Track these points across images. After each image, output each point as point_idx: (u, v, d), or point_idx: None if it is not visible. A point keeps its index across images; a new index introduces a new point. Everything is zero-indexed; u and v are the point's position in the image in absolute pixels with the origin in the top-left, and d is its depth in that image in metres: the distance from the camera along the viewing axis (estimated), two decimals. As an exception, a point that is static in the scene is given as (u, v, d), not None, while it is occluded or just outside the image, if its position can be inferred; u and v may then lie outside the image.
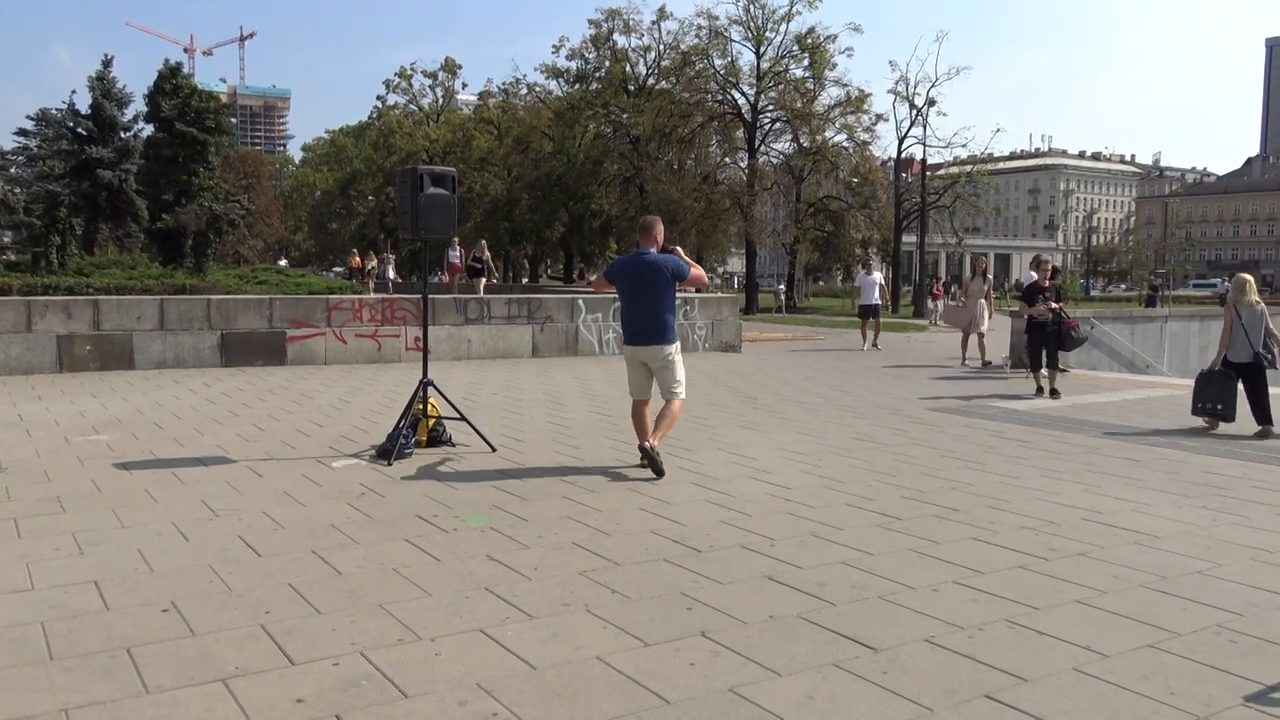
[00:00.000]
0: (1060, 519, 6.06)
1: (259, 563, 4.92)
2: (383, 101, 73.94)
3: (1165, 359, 22.99)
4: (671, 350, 7.16)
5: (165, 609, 4.22)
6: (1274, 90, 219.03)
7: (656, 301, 7.10)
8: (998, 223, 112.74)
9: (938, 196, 47.94)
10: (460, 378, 13.05)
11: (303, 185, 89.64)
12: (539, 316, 16.78)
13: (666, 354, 7.14)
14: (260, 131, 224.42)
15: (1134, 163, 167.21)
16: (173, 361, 13.80)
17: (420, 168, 7.96)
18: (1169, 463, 8.03)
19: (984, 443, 8.89)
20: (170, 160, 33.41)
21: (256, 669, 3.61)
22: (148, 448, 7.98)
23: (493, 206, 56.31)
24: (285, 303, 14.99)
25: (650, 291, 7.09)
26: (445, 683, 3.52)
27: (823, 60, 44.79)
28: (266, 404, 10.62)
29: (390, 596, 4.43)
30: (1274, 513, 6.32)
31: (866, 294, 21.00)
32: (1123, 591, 4.68)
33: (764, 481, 7.04)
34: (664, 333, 7.12)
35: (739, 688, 3.52)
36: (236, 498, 6.29)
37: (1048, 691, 3.53)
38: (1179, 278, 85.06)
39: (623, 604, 4.39)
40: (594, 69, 53.35)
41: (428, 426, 8.07)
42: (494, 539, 5.42)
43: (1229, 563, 5.18)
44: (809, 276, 66.80)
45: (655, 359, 7.14)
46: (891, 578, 4.82)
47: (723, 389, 12.74)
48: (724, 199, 44.93)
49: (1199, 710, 3.39)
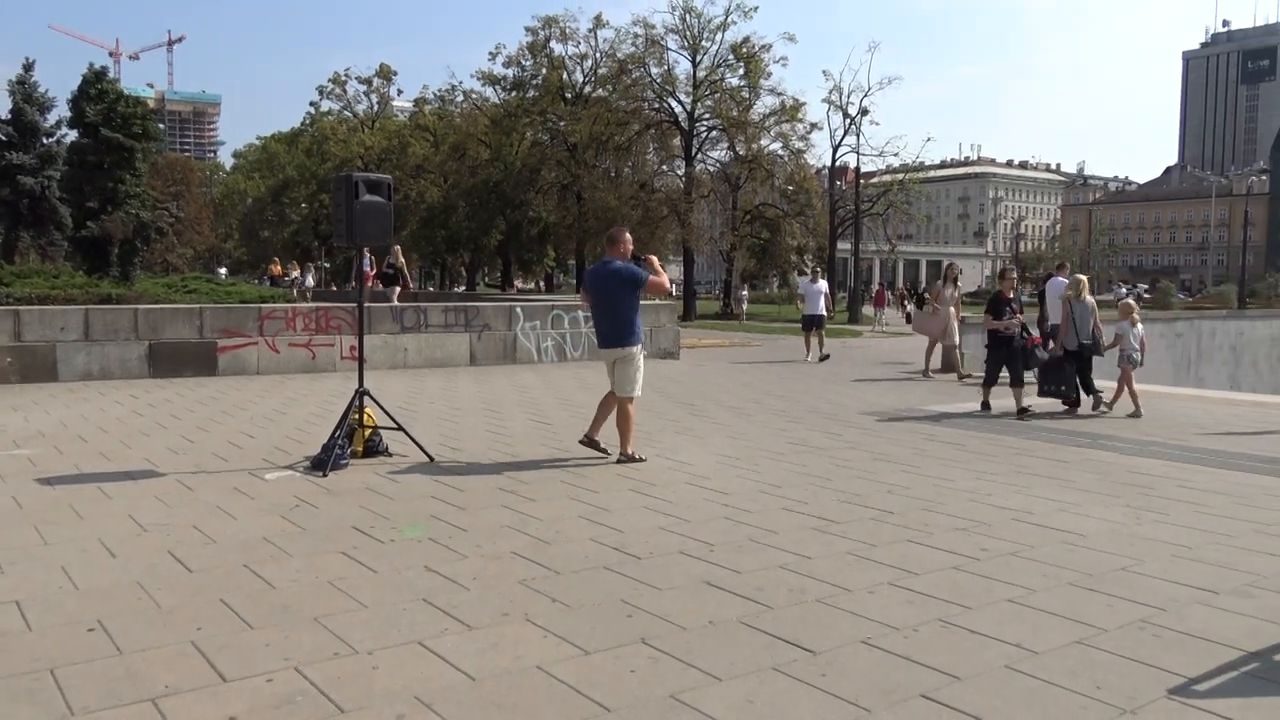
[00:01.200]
0: (992, 520, 6.19)
1: (189, 578, 4.81)
2: (316, 108, 72.97)
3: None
4: (633, 350, 7.91)
5: (91, 628, 4.10)
6: (1190, 102, 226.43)
7: (618, 306, 7.87)
8: (929, 230, 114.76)
9: (871, 204, 48.62)
10: (397, 387, 12.91)
11: (233, 192, 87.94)
12: (476, 324, 16.66)
13: (628, 352, 7.90)
14: (190, 138, 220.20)
15: (1059, 172, 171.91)
16: (99, 373, 13.44)
17: (355, 175, 7.87)
18: (1096, 463, 8.24)
19: (918, 446, 9.04)
20: (95, 167, 32.65)
21: (187, 687, 3.53)
22: (72, 462, 7.76)
23: (429, 214, 55.81)
24: (216, 312, 14.71)
25: (613, 298, 7.86)
26: (383, 696, 3.48)
27: (758, 69, 45.23)
28: (197, 415, 10.39)
29: (325, 610, 4.36)
30: (1193, 510, 6.52)
31: (811, 303, 19.41)
32: (1052, 590, 4.79)
33: (702, 487, 7.08)
34: (625, 334, 7.89)
35: (680, 694, 3.53)
36: (166, 512, 6.14)
37: (981, 689, 3.60)
38: (1103, 283, 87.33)
39: (563, 612, 4.38)
40: (531, 76, 53.24)
41: (364, 437, 7.97)
42: (432, 549, 5.37)
43: (1152, 559, 5.34)
44: (745, 284, 67.35)
45: (618, 357, 7.92)
46: (829, 581, 4.87)
47: (660, 395, 12.78)
48: (661, 206, 45.08)
49: (1124, 704, 3.49)
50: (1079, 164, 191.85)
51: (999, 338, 11.82)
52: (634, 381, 7.92)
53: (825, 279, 22.00)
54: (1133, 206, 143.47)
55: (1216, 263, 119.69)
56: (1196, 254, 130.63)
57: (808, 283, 20.46)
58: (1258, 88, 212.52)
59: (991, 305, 12.13)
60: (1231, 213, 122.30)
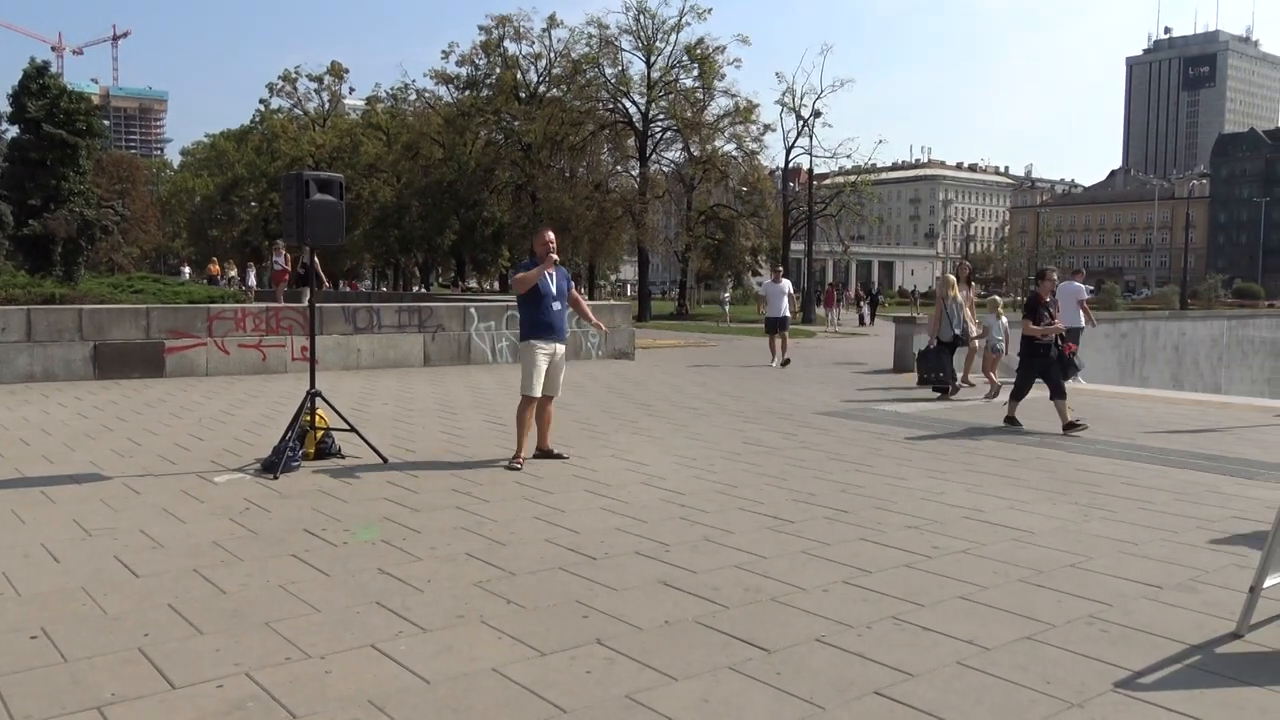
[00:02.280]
0: (943, 518, 6.27)
1: (136, 583, 4.72)
2: (266, 105, 72.04)
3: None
4: (521, 346, 8.07)
5: (34, 635, 4.01)
6: (1134, 107, 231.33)
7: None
8: (881, 231, 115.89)
9: (824, 205, 49.05)
10: (349, 388, 12.77)
11: (181, 190, 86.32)
12: (430, 325, 16.54)
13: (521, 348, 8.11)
14: (135, 134, 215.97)
15: (1007, 174, 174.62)
16: (41, 375, 13.14)
17: (306, 173, 7.80)
18: (1045, 461, 8.38)
19: (871, 445, 9.13)
20: (37, 163, 31.93)
21: (134, 694, 3.46)
22: (13, 465, 7.58)
23: (382, 213, 55.32)
24: (163, 312, 14.44)
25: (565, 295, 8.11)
26: (336, 701, 3.44)
27: (712, 71, 45.44)
28: (144, 417, 10.20)
29: (277, 614, 4.30)
30: (1139, 507, 6.66)
31: (774, 305, 18.37)
32: (1002, 586, 4.86)
33: (657, 487, 7.09)
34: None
35: (635, 694, 3.53)
36: (112, 516, 6.02)
37: (933, 685, 3.64)
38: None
39: (518, 614, 4.36)
40: (485, 76, 52.96)
41: (315, 438, 7.88)
42: (385, 552, 5.32)
43: (1099, 555, 5.44)
44: (700, 284, 67.60)
45: (560, 354, 8.05)
46: (783, 579, 4.90)
47: (615, 395, 12.78)
48: (616, 207, 45.14)
49: (1073, 698, 3.55)
50: (1027, 167, 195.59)
51: (1035, 345, 10.49)
52: (522, 377, 7.93)
53: (788, 279, 20.24)
54: (1079, 209, 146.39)
55: (1159, 264, 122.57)
56: (1140, 255, 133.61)
57: (770, 283, 19.24)
58: (1198, 94, 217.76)
59: (1029, 309, 10.66)
60: (1173, 215, 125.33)
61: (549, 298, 7.85)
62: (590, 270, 57.31)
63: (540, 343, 7.85)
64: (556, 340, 7.93)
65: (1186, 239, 74.76)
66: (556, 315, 7.91)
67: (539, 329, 7.86)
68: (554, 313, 7.89)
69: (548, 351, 7.88)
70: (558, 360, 7.99)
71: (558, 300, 7.92)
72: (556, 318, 7.92)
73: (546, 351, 7.87)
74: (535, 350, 7.83)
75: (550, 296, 7.86)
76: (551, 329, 7.88)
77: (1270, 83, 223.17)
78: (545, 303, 7.84)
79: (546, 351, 7.87)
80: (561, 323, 7.99)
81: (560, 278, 8.00)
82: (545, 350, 7.86)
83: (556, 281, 7.93)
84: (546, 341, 7.86)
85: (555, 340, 7.92)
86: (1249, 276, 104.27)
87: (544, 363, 7.84)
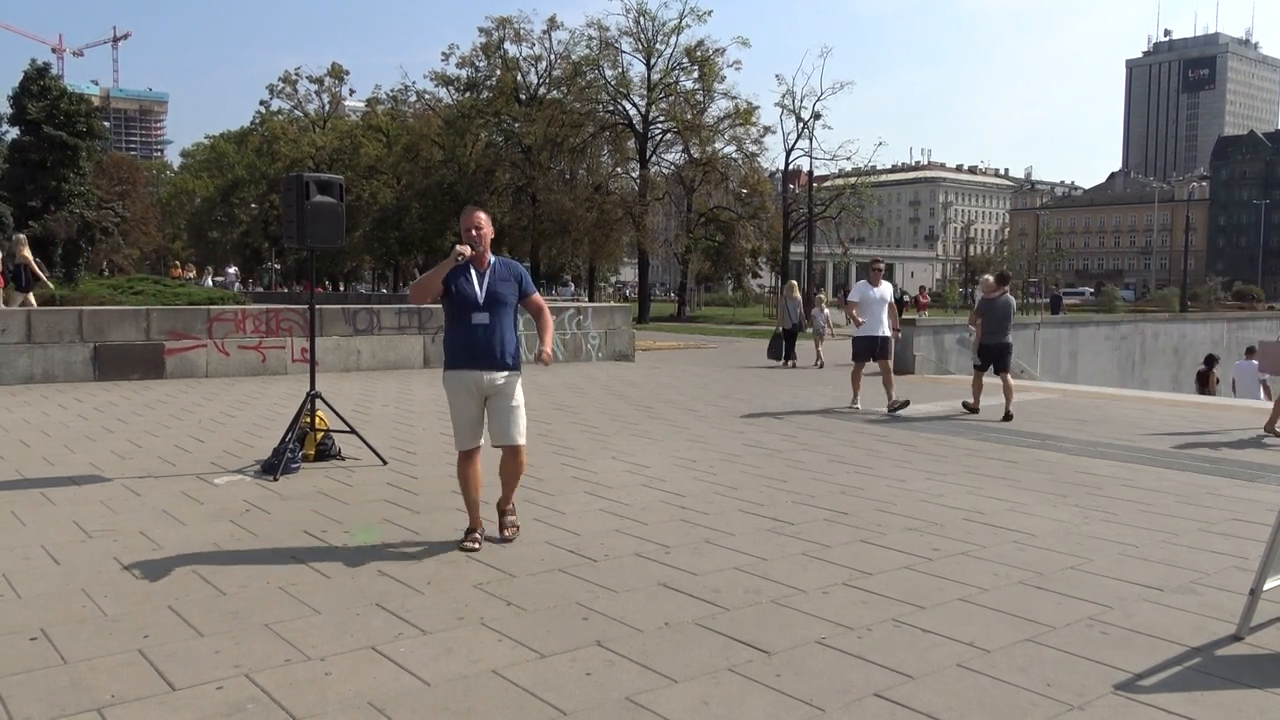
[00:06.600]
0: (943, 520, 6.27)
1: (136, 585, 4.72)
2: (266, 107, 72.03)
3: (1039, 364, 23.97)
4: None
5: (34, 637, 4.01)
6: (1134, 110, 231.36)
7: None
8: (881, 233, 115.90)
9: (824, 207, 49.13)
10: (350, 390, 12.77)
11: (181, 192, 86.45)
12: (430, 327, 16.53)
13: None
14: (136, 136, 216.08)
15: (1007, 176, 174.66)
16: (41, 376, 13.14)
17: (306, 175, 7.79)
18: (1045, 464, 8.38)
19: (871, 447, 9.13)
20: (37, 165, 32.00)
21: (134, 696, 3.46)
22: (14, 467, 7.57)
23: (382, 215, 55.30)
24: (163, 314, 14.44)
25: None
26: (336, 703, 3.44)
27: (712, 73, 45.49)
28: (144, 419, 10.19)
29: (277, 616, 4.30)
30: (1139, 509, 6.66)
31: (873, 318, 14.67)
32: (1002, 588, 4.86)
33: (657, 489, 7.09)
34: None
35: (635, 696, 3.53)
36: (112, 518, 6.02)
37: (934, 688, 3.64)
38: (1051, 286, 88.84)
39: (518, 616, 4.36)
40: (485, 77, 52.92)
41: (315, 440, 7.87)
42: (385, 553, 5.32)
43: (1099, 558, 5.44)
44: (700, 286, 67.62)
45: (504, 386, 5.59)
46: (783, 581, 4.90)
47: (615, 397, 12.78)
48: (616, 209, 45.19)
49: (1073, 700, 3.55)
50: (1027, 169, 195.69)
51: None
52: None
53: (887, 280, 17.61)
54: (1079, 211, 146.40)
55: (1159, 266, 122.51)
56: (1140, 258, 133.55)
57: (864, 286, 14.64)
58: (1198, 96, 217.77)
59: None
60: (1173, 218, 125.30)
61: (470, 307, 5.41)
62: (590, 272, 57.39)
63: (459, 372, 5.44)
64: (486, 368, 5.40)
65: (1186, 241, 74.70)
66: (482, 333, 5.40)
67: (456, 353, 5.47)
68: (478, 329, 5.40)
69: (471, 385, 5.42)
70: (497, 395, 5.44)
71: (483, 311, 5.41)
72: (482, 336, 5.40)
73: (469, 386, 5.42)
74: (454, 384, 5.48)
75: (472, 306, 5.41)
76: (473, 352, 5.40)
77: (1270, 85, 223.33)
78: (464, 315, 5.43)
79: (469, 386, 5.42)
80: (493, 341, 5.41)
81: (496, 278, 5.48)
82: (467, 383, 5.42)
83: (488, 284, 5.45)
84: (468, 370, 5.41)
85: (483, 368, 5.40)
86: (1249, 279, 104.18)
87: (468, 403, 5.45)
